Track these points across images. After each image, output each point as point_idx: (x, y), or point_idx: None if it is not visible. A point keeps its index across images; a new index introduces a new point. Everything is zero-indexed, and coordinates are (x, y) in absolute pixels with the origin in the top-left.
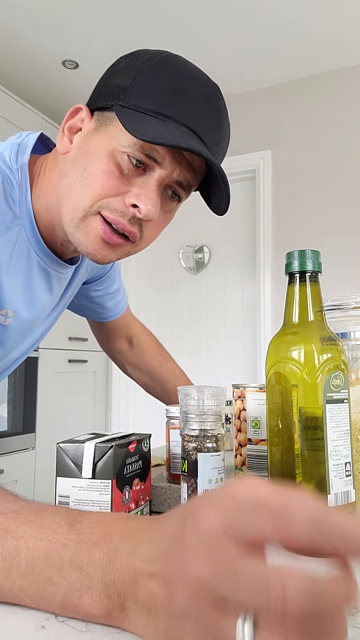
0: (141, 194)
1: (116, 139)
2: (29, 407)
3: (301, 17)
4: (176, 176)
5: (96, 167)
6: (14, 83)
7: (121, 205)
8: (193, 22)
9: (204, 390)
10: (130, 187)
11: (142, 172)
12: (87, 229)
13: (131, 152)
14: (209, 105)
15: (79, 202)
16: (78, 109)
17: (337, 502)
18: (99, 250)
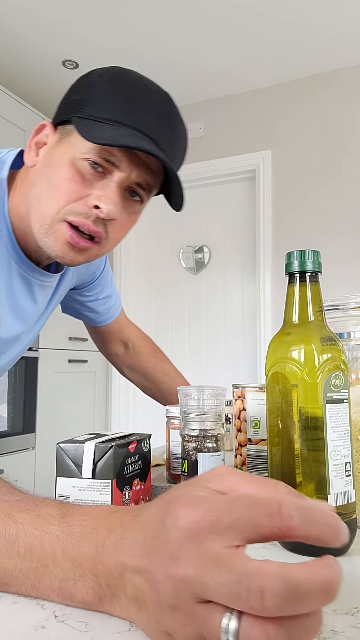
0: (102, 195)
1: (76, 147)
2: (29, 407)
3: (301, 18)
4: (134, 177)
5: (59, 175)
6: (14, 83)
7: (84, 208)
8: (193, 22)
9: (204, 390)
10: (92, 191)
11: (102, 176)
12: (56, 235)
13: (90, 157)
14: (160, 111)
15: (46, 209)
16: (43, 126)
17: (337, 502)
18: (66, 253)
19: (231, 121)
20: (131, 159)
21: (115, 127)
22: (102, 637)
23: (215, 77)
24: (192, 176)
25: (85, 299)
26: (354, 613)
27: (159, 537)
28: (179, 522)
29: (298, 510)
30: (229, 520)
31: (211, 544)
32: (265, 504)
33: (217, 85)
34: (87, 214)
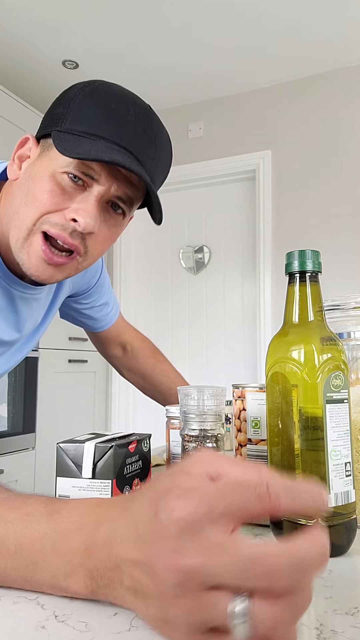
0: (80, 208)
1: (55, 161)
2: (29, 407)
3: (301, 18)
4: (114, 191)
5: (38, 188)
6: (14, 83)
7: (62, 220)
8: (193, 22)
9: (204, 390)
10: (71, 204)
11: (82, 189)
12: (29, 249)
13: (69, 171)
14: (139, 123)
15: (22, 221)
16: (26, 139)
17: (337, 502)
18: (42, 271)
19: (231, 121)
20: (110, 172)
21: (93, 140)
22: (102, 637)
23: (215, 77)
24: (192, 176)
25: (81, 306)
26: (354, 613)
27: (155, 531)
28: (173, 516)
29: (284, 489)
30: (222, 507)
31: (209, 532)
32: (254, 486)
33: (217, 85)
34: (63, 225)
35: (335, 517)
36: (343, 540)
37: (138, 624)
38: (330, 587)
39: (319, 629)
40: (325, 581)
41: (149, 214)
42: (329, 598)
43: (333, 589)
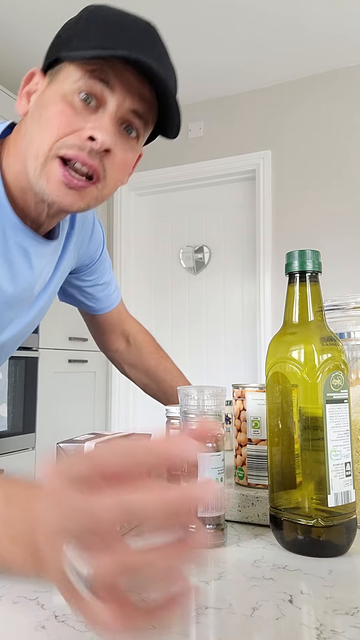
0: (96, 126)
1: (66, 81)
2: (29, 407)
3: (301, 18)
4: (129, 104)
5: (50, 112)
6: (14, 83)
7: (78, 140)
8: (193, 22)
9: (204, 390)
10: (85, 124)
11: (95, 110)
12: (49, 175)
13: (82, 86)
14: (147, 36)
15: (39, 147)
16: (32, 74)
17: (337, 502)
18: (63, 196)
19: (231, 121)
20: (123, 83)
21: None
22: (102, 637)
23: (215, 77)
24: (192, 176)
25: (84, 283)
26: (354, 613)
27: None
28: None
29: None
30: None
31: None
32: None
33: (217, 85)
34: (80, 146)
35: (335, 517)
36: (343, 540)
37: None
38: (330, 587)
39: (319, 629)
40: (325, 581)
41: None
42: (329, 598)
43: (333, 589)
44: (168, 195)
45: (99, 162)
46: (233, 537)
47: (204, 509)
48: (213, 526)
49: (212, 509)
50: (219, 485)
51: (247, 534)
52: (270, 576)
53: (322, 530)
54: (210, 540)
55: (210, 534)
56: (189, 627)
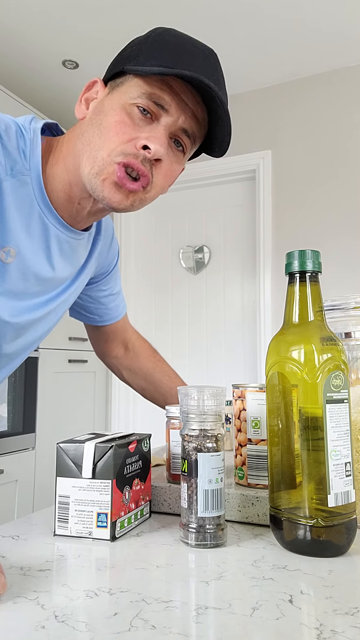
0: (150, 136)
1: (127, 93)
2: (29, 407)
3: (301, 17)
4: (181, 123)
5: (110, 119)
6: (14, 83)
7: (133, 149)
8: (193, 22)
9: (204, 390)
10: (141, 134)
11: (151, 121)
12: (105, 176)
13: (140, 102)
14: (208, 63)
15: (98, 151)
16: (94, 82)
17: (337, 502)
18: (113, 194)
19: (231, 121)
20: (179, 104)
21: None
22: (102, 637)
23: None
24: (192, 176)
25: (100, 293)
26: (354, 613)
27: None
28: None
29: None
30: None
31: None
32: None
33: None
34: (135, 154)
35: (335, 517)
36: (343, 540)
37: (138, 624)
38: (330, 587)
39: (319, 629)
40: (325, 581)
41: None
42: (329, 598)
43: (333, 589)
44: (168, 195)
45: (149, 169)
46: (233, 537)
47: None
48: (213, 526)
49: (212, 508)
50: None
51: (247, 534)
52: (270, 576)
53: (322, 530)
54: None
55: (212, 533)
56: (189, 627)
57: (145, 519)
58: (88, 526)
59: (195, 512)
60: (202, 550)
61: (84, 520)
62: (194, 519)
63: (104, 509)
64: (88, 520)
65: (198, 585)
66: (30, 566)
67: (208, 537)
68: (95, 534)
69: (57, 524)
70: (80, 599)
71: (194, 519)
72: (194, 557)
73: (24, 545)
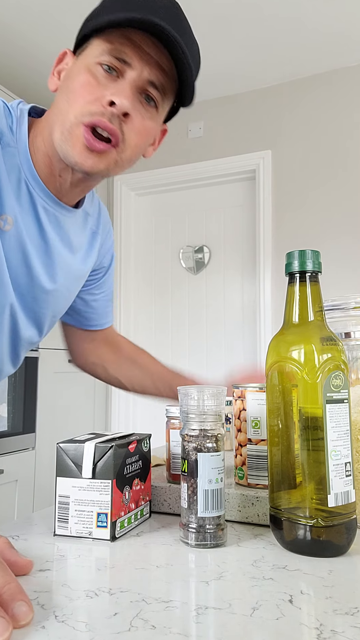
0: (115, 92)
1: (90, 55)
2: (29, 407)
3: (301, 17)
4: (147, 75)
5: (75, 83)
6: (14, 83)
7: (99, 107)
8: (193, 22)
9: (204, 390)
10: (106, 91)
11: (116, 79)
12: (73, 140)
13: (103, 60)
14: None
15: (65, 116)
16: (64, 53)
17: (337, 502)
18: (85, 159)
19: (231, 121)
20: (142, 56)
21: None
22: (102, 637)
23: (215, 77)
24: (192, 176)
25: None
26: (354, 613)
27: None
28: None
29: None
30: None
31: None
32: None
33: (217, 85)
34: (102, 112)
35: (335, 517)
36: (343, 540)
37: (138, 624)
38: (330, 587)
39: (319, 629)
40: (325, 581)
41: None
42: (329, 598)
43: (333, 589)
44: (168, 195)
45: (118, 126)
46: (233, 537)
47: None
48: (213, 526)
49: (212, 508)
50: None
51: (247, 534)
52: (270, 576)
53: (322, 530)
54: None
55: (212, 533)
56: (189, 627)
57: (145, 519)
58: (88, 526)
59: (195, 512)
60: (202, 550)
61: (84, 520)
62: (194, 519)
63: (104, 509)
64: (88, 520)
65: (198, 585)
66: None
67: (208, 537)
68: (95, 534)
69: (57, 524)
70: (80, 599)
71: (194, 519)
72: (194, 557)
73: (24, 545)
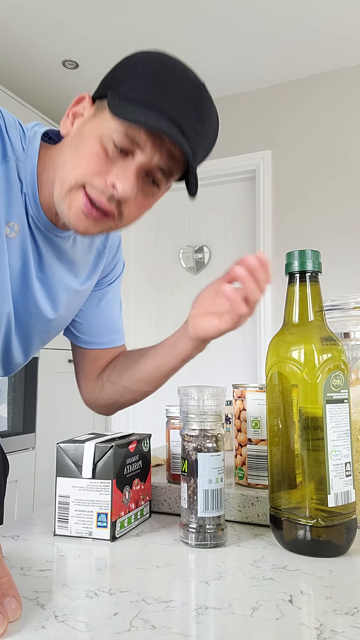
0: (120, 175)
1: (106, 124)
2: (29, 407)
3: (301, 17)
4: (156, 162)
5: (86, 148)
6: (14, 83)
7: (102, 184)
8: (193, 22)
9: (204, 390)
10: (112, 169)
11: (125, 157)
12: (71, 201)
13: (116, 138)
14: (192, 99)
15: (67, 176)
16: (82, 97)
17: (337, 502)
18: (80, 222)
19: (231, 121)
20: (155, 143)
21: (145, 108)
22: (102, 637)
23: (215, 77)
24: None
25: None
26: (354, 613)
27: None
28: None
29: None
30: None
31: None
32: None
33: (217, 85)
34: (103, 190)
35: (335, 517)
36: (343, 540)
37: (138, 624)
38: (330, 587)
39: (319, 629)
40: (325, 581)
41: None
42: (329, 598)
43: (333, 589)
44: (168, 195)
45: (115, 206)
46: (233, 537)
47: None
48: (213, 526)
49: (212, 508)
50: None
51: (247, 534)
52: (270, 576)
53: (322, 530)
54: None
55: (212, 533)
56: (189, 627)
57: (145, 519)
58: (88, 526)
59: (195, 512)
60: (202, 550)
61: (84, 520)
62: (194, 519)
63: (104, 509)
64: (88, 520)
65: (198, 585)
66: (30, 566)
67: (208, 537)
68: (95, 534)
69: (57, 524)
70: (80, 599)
71: (194, 519)
72: (194, 557)
73: (24, 545)
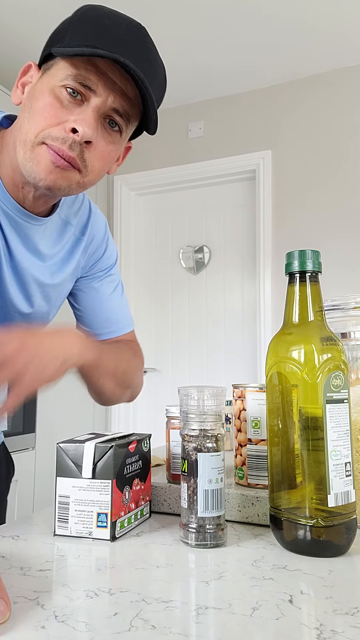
0: (78, 119)
1: (55, 76)
2: (29, 407)
3: (301, 17)
4: (111, 103)
5: (39, 103)
6: (13, 83)
7: (61, 133)
8: (193, 22)
9: (204, 390)
10: (70, 116)
11: (80, 103)
12: (38, 158)
13: (68, 84)
14: (132, 39)
15: (27, 135)
16: (28, 66)
17: (337, 502)
18: (48, 173)
19: (231, 121)
20: (107, 84)
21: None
22: (102, 637)
23: (215, 77)
24: (192, 176)
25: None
26: (354, 613)
27: None
28: None
29: None
30: None
31: None
32: None
33: (217, 85)
34: (64, 138)
35: (335, 517)
36: (343, 540)
37: (138, 624)
38: (330, 587)
39: (319, 629)
40: (325, 581)
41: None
42: (329, 598)
43: (333, 589)
44: (168, 195)
45: (79, 153)
46: (233, 537)
47: None
48: (213, 526)
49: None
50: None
51: (247, 534)
52: (270, 576)
53: (322, 530)
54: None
55: (212, 533)
56: (189, 627)
57: (145, 519)
58: (88, 526)
59: (195, 512)
60: (202, 550)
61: (84, 520)
62: (194, 519)
63: (104, 509)
64: (88, 520)
65: (198, 585)
66: (30, 566)
67: (208, 537)
68: (95, 534)
69: (57, 524)
70: (80, 599)
71: (194, 519)
72: (194, 557)
73: (24, 545)
